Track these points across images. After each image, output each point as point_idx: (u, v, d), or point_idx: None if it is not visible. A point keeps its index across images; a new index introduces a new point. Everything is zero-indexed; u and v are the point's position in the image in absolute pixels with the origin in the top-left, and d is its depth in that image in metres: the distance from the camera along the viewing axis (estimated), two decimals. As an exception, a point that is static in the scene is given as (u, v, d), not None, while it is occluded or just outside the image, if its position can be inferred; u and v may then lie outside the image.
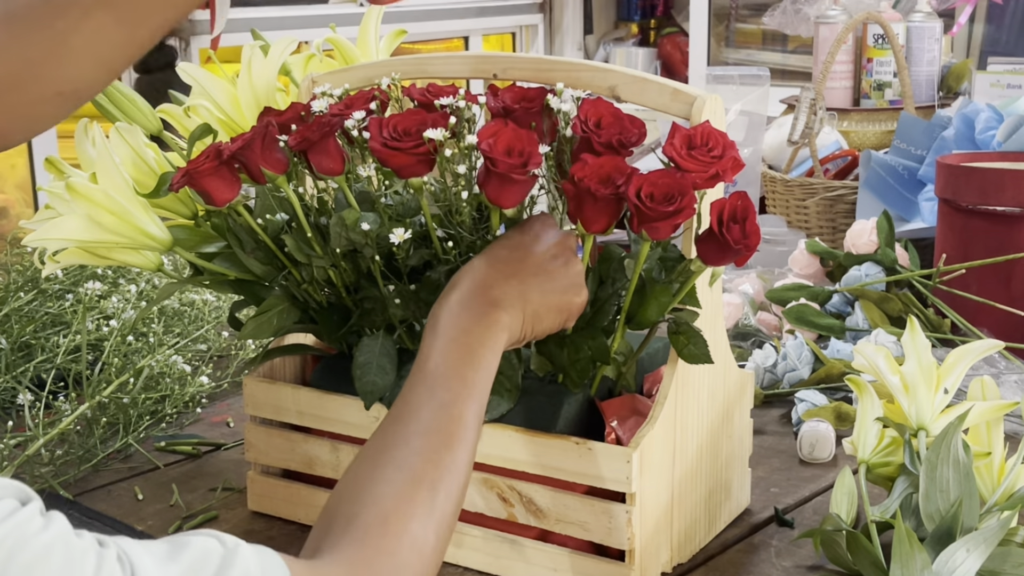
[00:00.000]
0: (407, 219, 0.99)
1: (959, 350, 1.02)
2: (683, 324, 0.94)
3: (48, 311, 1.42)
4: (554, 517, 0.97)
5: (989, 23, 3.09)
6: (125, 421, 1.27)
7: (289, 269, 1.03)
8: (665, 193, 0.86)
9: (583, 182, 0.87)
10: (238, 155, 0.98)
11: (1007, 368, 1.32)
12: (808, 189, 1.94)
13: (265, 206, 1.04)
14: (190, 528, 1.10)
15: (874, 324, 1.44)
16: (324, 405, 1.06)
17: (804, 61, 3.53)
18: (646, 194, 0.86)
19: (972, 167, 1.53)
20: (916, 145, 1.83)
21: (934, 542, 0.90)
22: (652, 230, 0.88)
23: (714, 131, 0.89)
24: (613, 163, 0.88)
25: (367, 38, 1.28)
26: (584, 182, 0.87)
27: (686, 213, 0.87)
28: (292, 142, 0.98)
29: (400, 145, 0.91)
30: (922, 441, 0.98)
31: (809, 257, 1.64)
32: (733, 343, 1.47)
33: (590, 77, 0.97)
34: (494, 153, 0.88)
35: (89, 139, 1.06)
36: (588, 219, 0.89)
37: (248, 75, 1.17)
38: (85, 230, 1.02)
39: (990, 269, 1.45)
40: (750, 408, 1.11)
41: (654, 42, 4.45)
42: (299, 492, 1.10)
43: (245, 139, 0.98)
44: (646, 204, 0.86)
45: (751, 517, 1.09)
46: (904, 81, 2.05)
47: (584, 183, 0.87)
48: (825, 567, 0.99)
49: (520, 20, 4.34)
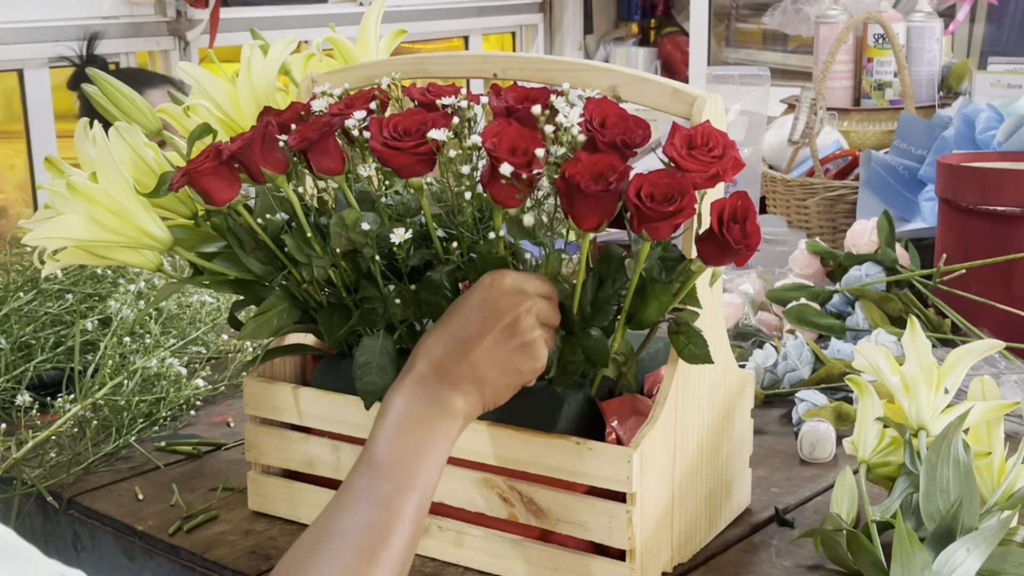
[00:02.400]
0: (407, 219, 0.99)
1: (959, 350, 1.02)
2: (683, 324, 0.94)
3: (48, 311, 1.42)
4: (555, 517, 0.97)
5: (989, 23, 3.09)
6: (118, 424, 1.27)
7: (289, 269, 1.03)
8: (665, 193, 0.86)
9: (574, 179, 0.87)
10: (238, 155, 0.97)
11: (1007, 368, 1.32)
12: (808, 189, 1.94)
13: (265, 206, 1.04)
14: (190, 528, 1.10)
15: (874, 324, 1.44)
16: (324, 405, 1.06)
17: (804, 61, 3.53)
18: (646, 194, 0.86)
19: (972, 167, 1.53)
20: (916, 145, 1.83)
21: (934, 542, 0.90)
22: (652, 230, 0.87)
23: (714, 131, 0.89)
24: (607, 160, 0.88)
25: (367, 38, 1.28)
26: (575, 179, 0.87)
27: (686, 213, 0.86)
28: (292, 142, 0.98)
29: (401, 145, 0.91)
30: (922, 441, 0.98)
31: (809, 257, 1.64)
32: (733, 343, 1.47)
33: (590, 77, 0.97)
34: (499, 152, 0.88)
35: (89, 139, 1.06)
36: (580, 216, 0.89)
37: (248, 75, 1.17)
38: (85, 229, 1.02)
39: (990, 269, 1.45)
40: (750, 408, 1.10)
41: (654, 42, 4.45)
42: (299, 492, 1.10)
43: (245, 139, 0.97)
44: (646, 204, 0.86)
45: (751, 517, 1.09)
46: (904, 81, 2.05)
47: (575, 180, 0.87)
48: (825, 567, 0.99)
49: (520, 20, 4.35)
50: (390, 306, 0.99)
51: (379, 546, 0.79)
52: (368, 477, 0.83)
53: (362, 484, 0.83)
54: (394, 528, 0.81)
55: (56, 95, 3.03)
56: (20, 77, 3.01)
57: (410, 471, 0.83)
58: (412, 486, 0.83)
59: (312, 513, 1.09)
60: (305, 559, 0.79)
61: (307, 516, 1.10)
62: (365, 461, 0.84)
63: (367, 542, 0.79)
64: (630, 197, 0.86)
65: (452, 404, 0.87)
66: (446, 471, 1.00)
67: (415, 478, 0.83)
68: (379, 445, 0.85)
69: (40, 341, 1.38)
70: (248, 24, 2.27)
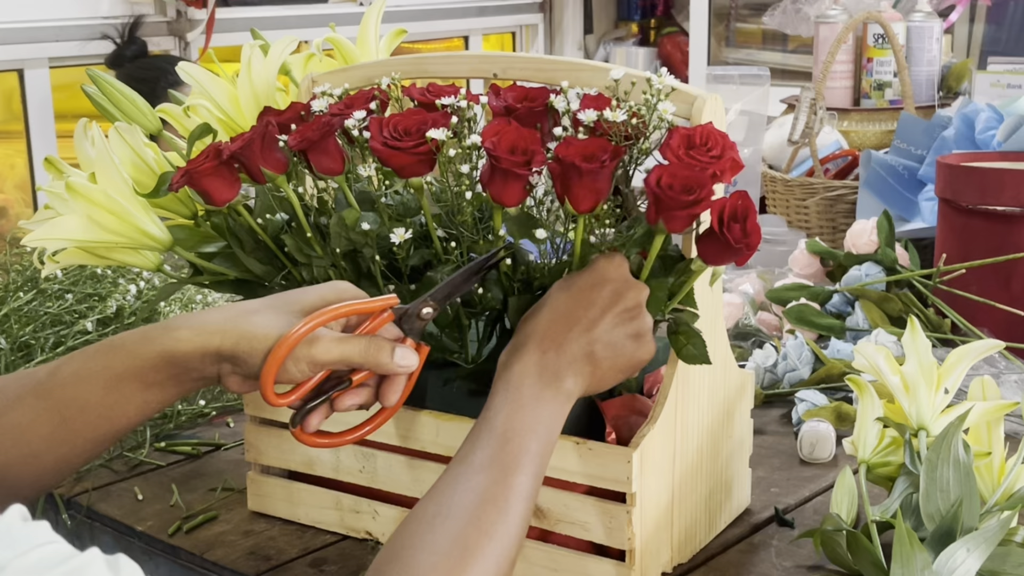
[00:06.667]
0: (407, 219, 0.99)
1: (959, 350, 1.02)
2: (683, 324, 0.94)
3: (48, 311, 1.42)
4: (554, 517, 0.97)
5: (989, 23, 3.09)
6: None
7: (289, 269, 1.03)
8: (684, 183, 0.86)
9: (567, 159, 0.87)
10: (238, 155, 0.97)
11: (1007, 368, 1.32)
12: (808, 189, 1.94)
13: (265, 206, 1.04)
14: (190, 529, 1.10)
15: (874, 324, 1.44)
16: (324, 405, 1.06)
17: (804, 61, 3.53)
18: (666, 183, 0.86)
19: (972, 167, 1.53)
20: (916, 145, 1.83)
21: (934, 542, 0.90)
22: (669, 219, 0.87)
23: (714, 131, 0.89)
24: (598, 143, 0.88)
25: (367, 38, 1.27)
26: (568, 158, 0.87)
27: (704, 204, 0.86)
28: (292, 142, 0.98)
29: (401, 145, 0.91)
30: (922, 441, 0.98)
31: (809, 257, 1.64)
32: (733, 343, 1.47)
33: (590, 77, 0.97)
34: (498, 151, 0.88)
35: (88, 139, 1.06)
36: (576, 197, 0.89)
37: (248, 75, 1.17)
38: (84, 230, 1.02)
39: (990, 269, 1.45)
40: (750, 408, 1.10)
41: (654, 42, 4.45)
42: (299, 492, 1.10)
43: (245, 139, 0.97)
44: (666, 192, 0.86)
45: (751, 517, 1.09)
46: (904, 81, 2.05)
47: (568, 159, 0.87)
48: (825, 567, 0.99)
49: (520, 20, 4.35)
50: (390, 306, 0.99)
51: (497, 520, 0.80)
52: (487, 451, 0.83)
53: (481, 457, 0.83)
54: (511, 504, 0.81)
55: (56, 95, 3.04)
56: (20, 77, 3.01)
57: (526, 451, 0.83)
58: (528, 464, 0.83)
59: (312, 513, 1.09)
60: (424, 529, 0.79)
61: (307, 516, 1.10)
62: (485, 433, 0.84)
63: (486, 515, 0.80)
64: (650, 185, 0.86)
65: (566, 385, 0.87)
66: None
67: (532, 458, 0.84)
68: (499, 420, 0.85)
69: (40, 341, 1.38)
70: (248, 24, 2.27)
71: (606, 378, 0.90)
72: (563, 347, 0.88)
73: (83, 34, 2.97)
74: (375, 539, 1.06)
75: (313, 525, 1.10)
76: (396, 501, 1.05)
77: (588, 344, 0.88)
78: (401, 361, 0.86)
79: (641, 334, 0.90)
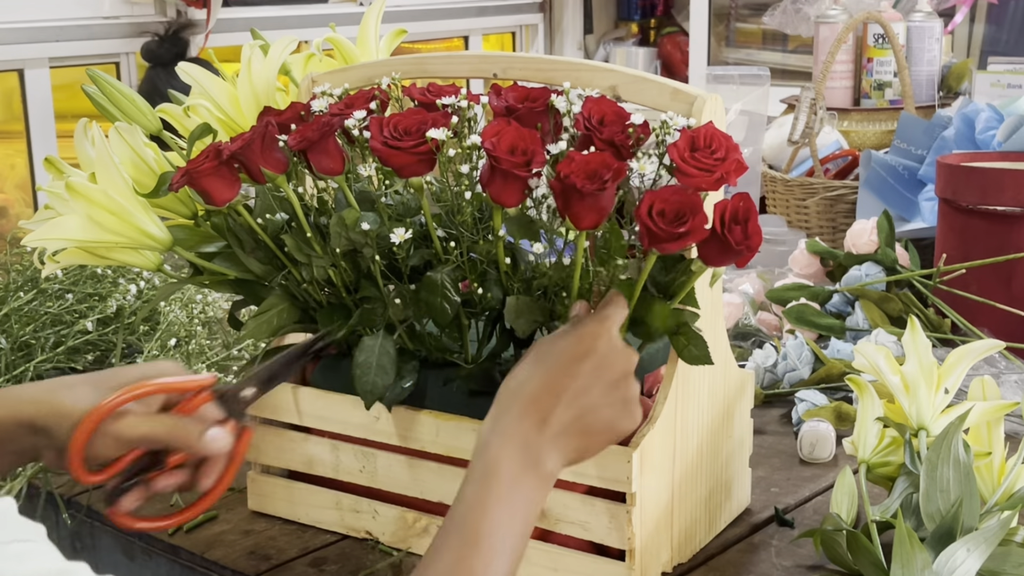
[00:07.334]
0: (407, 219, 0.99)
1: (959, 350, 1.02)
2: (683, 324, 0.94)
3: (48, 311, 1.42)
4: (554, 517, 0.97)
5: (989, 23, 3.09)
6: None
7: (289, 269, 1.03)
8: (676, 211, 0.85)
9: (568, 179, 0.86)
10: (238, 155, 0.97)
11: (1007, 368, 1.32)
12: (808, 189, 1.94)
13: (265, 206, 1.04)
14: (190, 528, 1.10)
15: (874, 324, 1.44)
16: (324, 405, 1.06)
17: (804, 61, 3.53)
18: (657, 212, 0.85)
19: (972, 167, 1.53)
20: (916, 145, 1.83)
21: (934, 542, 0.90)
22: (662, 248, 0.87)
23: (717, 133, 0.89)
24: (600, 159, 0.87)
25: (367, 38, 1.28)
26: (570, 179, 0.86)
27: (696, 235, 0.85)
28: (292, 142, 0.98)
29: (401, 144, 0.91)
30: (922, 441, 0.98)
31: (809, 257, 1.64)
32: (733, 343, 1.47)
33: (590, 77, 0.97)
34: (498, 152, 0.88)
35: (88, 139, 1.06)
36: (576, 215, 0.88)
37: (248, 75, 1.17)
38: (85, 230, 1.02)
39: (990, 269, 1.45)
40: (750, 408, 1.10)
41: (654, 42, 4.45)
42: (299, 492, 1.10)
43: (245, 139, 0.97)
44: (657, 224, 0.85)
45: (751, 517, 1.09)
46: (904, 81, 2.05)
47: (570, 180, 0.86)
48: (825, 567, 0.99)
49: (520, 20, 4.34)
50: (390, 306, 0.99)
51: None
52: (455, 537, 0.77)
53: (449, 560, 0.77)
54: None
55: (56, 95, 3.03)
56: (20, 77, 3.01)
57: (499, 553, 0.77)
58: (500, 565, 0.77)
59: (312, 513, 1.09)
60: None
61: (307, 516, 1.10)
62: (455, 533, 0.78)
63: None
64: (641, 217, 0.85)
65: (547, 467, 0.81)
66: (446, 471, 1.00)
67: (507, 556, 0.78)
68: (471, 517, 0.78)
69: (40, 341, 1.38)
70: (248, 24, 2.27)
71: (590, 450, 0.86)
72: (547, 422, 0.82)
73: (83, 34, 2.97)
74: (375, 539, 1.07)
75: (313, 525, 1.10)
76: (396, 501, 1.05)
77: (574, 419, 0.83)
78: (212, 443, 0.84)
79: (628, 403, 0.86)
